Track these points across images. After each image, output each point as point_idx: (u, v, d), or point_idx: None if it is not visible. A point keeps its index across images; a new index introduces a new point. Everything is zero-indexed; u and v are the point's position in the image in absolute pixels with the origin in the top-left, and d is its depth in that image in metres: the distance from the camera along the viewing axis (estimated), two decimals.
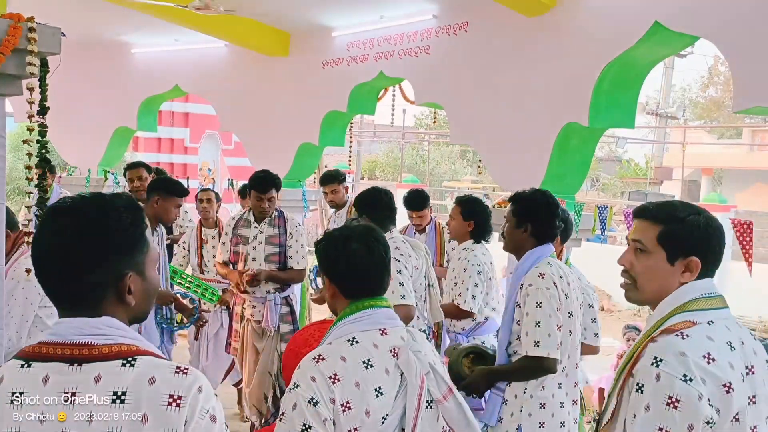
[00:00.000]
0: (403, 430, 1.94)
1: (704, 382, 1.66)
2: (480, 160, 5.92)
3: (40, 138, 3.15)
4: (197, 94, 8.54)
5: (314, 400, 1.84)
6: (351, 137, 7.98)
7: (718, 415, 1.67)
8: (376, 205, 3.89)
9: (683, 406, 1.65)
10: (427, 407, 1.99)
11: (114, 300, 1.43)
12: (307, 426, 1.82)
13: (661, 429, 1.66)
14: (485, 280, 4.40)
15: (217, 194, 6.25)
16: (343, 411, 1.85)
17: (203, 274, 5.84)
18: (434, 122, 9.79)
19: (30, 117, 2.98)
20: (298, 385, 1.88)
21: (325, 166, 10.39)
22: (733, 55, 3.94)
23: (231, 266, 5.00)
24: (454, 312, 4.34)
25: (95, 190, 8.23)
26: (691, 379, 1.66)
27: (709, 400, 1.66)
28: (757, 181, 23.11)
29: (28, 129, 3.13)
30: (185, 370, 1.39)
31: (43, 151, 3.22)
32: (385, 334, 2.00)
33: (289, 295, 5.03)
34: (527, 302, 3.05)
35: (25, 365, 1.37)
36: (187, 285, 5.48)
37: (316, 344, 2.07)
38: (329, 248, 2.10)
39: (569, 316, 3.08)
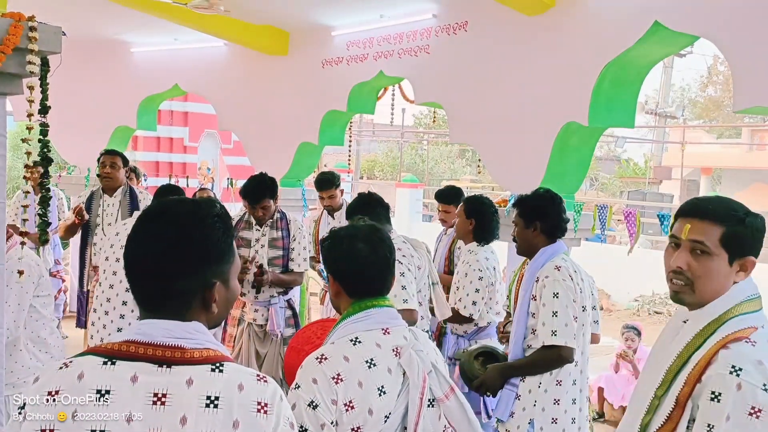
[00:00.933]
0: (406, 428, 1.95)
1: None
2: (479, 160, 5.92)
3: (41, 137, 3.15)
4: (196, 93, 8.54)
5: (314, 404, 1.85)
6: (350, 136, 7.98)
7: None
8: (368, 204, 3.90)
9: (765, 415, 1.64)
10: (429, 406, 2.00)
11: (199, 306, 1.45)
12: (303, 429, 1.83)
13: None
14: (487, 285, 4.33)
15: (214, 194, 6.22)
16: (346, 410, 1.86)
17: None
18: (433, 122, 9.78)
19: (30, 116, 2.98)
20: (299, 386, 1.89)
21: (325, 166, 10.40)
22: (733, 54, 3.94)
23: None
24: (455, 316, 4.33)
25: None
26: None
27: None
28: (756, 181, 23.14)
29: (27, 128, 3.13)
30: (265, 379, 1.43)
31: (45, 150, 3.23)
32: (388, 333, 2.00)
33: (291, 298, 4.94)
34: (544, 293, 3.11)
35: (109, 363, 1.36)
36: None
37: (319, 342, 2.08)
38: (334, 247, 2.10)
39: (583, 310, 3.15)
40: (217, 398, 1.34)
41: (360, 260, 2.04)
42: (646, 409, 1.85)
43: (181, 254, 1.41)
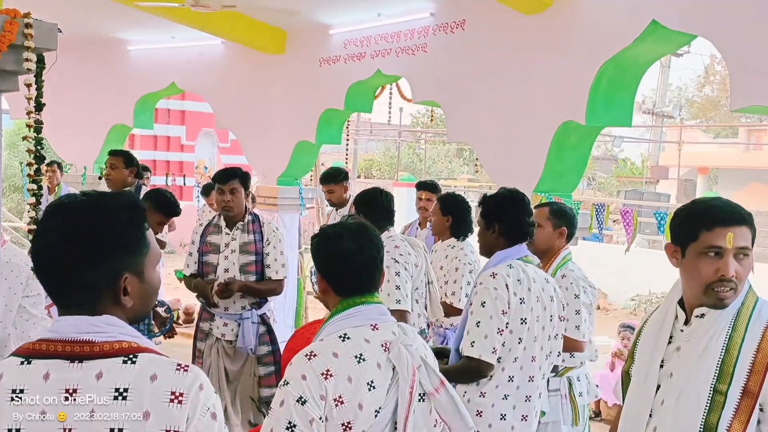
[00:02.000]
0: (396, 423, 1.95)
1: None
2: (477, 159, 5.92)
3: (35, 134, 3.15)
4: (193, 91, 8.53)
5: (302, 399, 1.85)
6: (348, 135, 7.98)
7: None
8: (371, 205, 3.89)
9: None
10: (419, 400, 2.01)
11: (110, 300, 1.43)
12: (292, 424, 1.83)
13: None
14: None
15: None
16: (336, 405, 1.87)
17: None
18: (431, 120, 9.78)
19: (29, 113, 2.98)
20: (287, 383, 1.89)
21: (322, 164, 10.39)
22: (731, 53, 3.95)
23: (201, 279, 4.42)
24: (447, 309, 4.34)
25: (92, 187, 8.24)
26: None
27: None
28: (753, 181, 23.17)
29: (27, 126, 3.13)
30: (186, 368, 1.40)
31: (39, 147, 3.21)
32: (377, 329, 2.01)
33: (265, 313, 4.52)
34: (474, 301, 2.91)
35: (25, 362, 1.37)
36: None
37: None
38: (321, 245, 2.11)
39: (521, 323, 2.87)
40: (126, 390, 1.34)
41: (347, 259, 2.05)
42: (707, 406, 1.86)
43: (79, 246, 1.39)
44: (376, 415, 1.92)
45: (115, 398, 1.33)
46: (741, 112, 4.50)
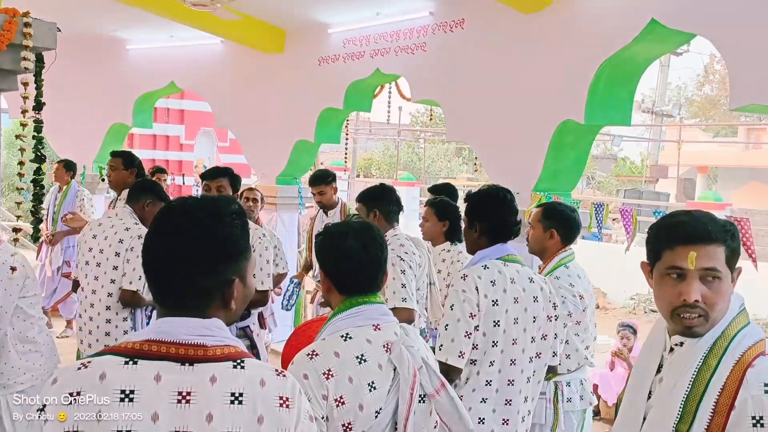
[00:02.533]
0: (396, 424, 1.95)
1: None
2: (476, 158, 5.91)
3: (35, 134, 3.14)
4: (192, 90, 8.53)
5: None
6: (347, 134, 7.98)
7: None
8: (384, 199, 3.88)
9: None
10: (420, 401, 2.00)
11: (219, 303, 1.45)
12: None
13: None
14: None
15: (261, 194, 5.97)
16: (337, 406, 1.87)
17: None
18: (430, 119, 9.77)
19: (24, 112, 2.97)
20: None
21: (321, 163, 10.39)
22: (730, 52, 3.95)
23: None
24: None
25: (90, 186, 8.24)
26: None
27: None
28: (752, 180, 23.18)
29: (21, 124, 3.12)
30: (283, 374, 1.45)
31: (39, 146, 3.21)
32: (378, 329, 2.01)
33: (249, 326, 4.23)
34: (446, 303, 2.84)
35: (130, 362, 1.35)
36: None
37: None
38: (326, 243, 2.11)
39: (495, 326, 2.75)
40: (241, 394, 1.36)
41: (351, 258, 2.05)
42: (678, 415, 1.71)
43: (204, 252, 1.41)
44: (376, 416, 1.92)
45: (232, 402, 1.35)
46: (740, 111, 4.51)
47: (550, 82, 4.95)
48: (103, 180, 5.73)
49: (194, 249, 1.41)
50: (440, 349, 2.72)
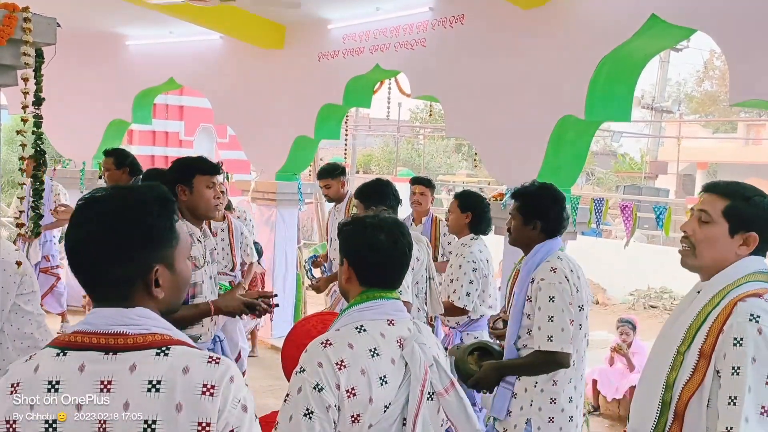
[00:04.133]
0: (404, 419, 1.96)
1: None
2: (476, 154, 5.92)
3: (35, 129, 3.14)
4: (192, 86, 8.52)
5: (319, 386, 1.86)
6: (347, 130, 7.97)
7: None
8: (382, 194, 3.89)
9: None
10: (428, 399, 2.01)
11: (143, 292, 1.44)
12: (309, 411, 1.84)
13: None
14: (480, 277, 4.35)
15: (227, 189, 5.91)
16: (348, 397, 1.88)
17: None
18: (430, 115, 9.77)
19: (24, 108, 2.97)
20: (304, 370, 1.90)
21: (321, 159, 10.38)
22: (730, 47, 3.94)
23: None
24: (449, 308, 4.33)
25: (90, 183, 8.24)
26: None
27: None
28: (752, 176, 23.16)
29: (22, 120, 3.12)
30: (217, 360, 1.41)
31: (39, 142, 3.20)
32: (393, 324, 2.02)
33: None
34: (539, 297, 3.03)
35: (61, 354, 1.39)
36: None
37: (317, 335, 2.09)
38: (356, 233, 2.10)
39: (580, 310, 3.07)
40: (159, 382, 1.35)
41: (380, 251, 2.05)
42: (670, 365, 2.01)
43: (113, 240, 1.40)
44: (385, 410, 1.92)
45: (149, 390, 1.35)
46: (740, 107, 4.51)
47: (550, 77, 4.95)
48: (100, 177, 5.71)
49: (103, 237, 1.40)
50: (551, 340, 2.98)
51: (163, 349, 1.39)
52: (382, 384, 1.92)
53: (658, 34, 4.45)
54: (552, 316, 2.99)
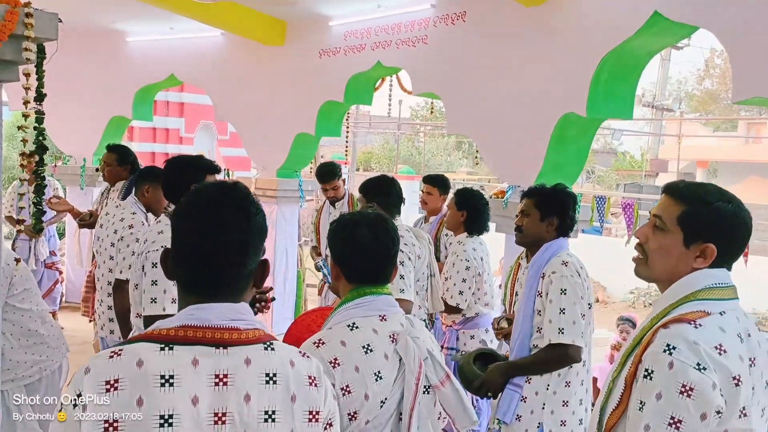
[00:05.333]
0: (401, 414, 1.96)
1: (716, 372, 1.62)
2: (477, 151, 5.90)
3: (37, 125, 3.13)
4: (192, 83, 8.51)
5: None
6: (347, 128, 7.96)
7: (726, 406, 1.63)
8: (389, 192, 3.89)
9: (697, 394, 1.60)
10: (424, 393, 2.01)
11: (249, 287, 1.51)
12: None
13: (673, 418, 1.61)
14: (474, 275, 4.35)
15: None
16: (343, 395, 1.89)
17: None
18: (431, 113, 9.76)
19: (26, 103, 2.97)
20: None
21: (321, 157, 10.38)
22: (733, 45, 3.93)
23: None
24: (445, 307, 4.33)
25: (90, 180, 8.23)
26: (704, 368, 1.61)
27: (720, 390, 1.62)
28: (752, 174, 23.19)
29: (23, 115, 3.11)
30: (307, 355, 1.52)
31: (41, 138, 3.20)
32: (385, 320, 2.02)
33: None
34: (551, 290, 3.01)
35: (166, 348, 1.36)
36: None
37: (318, 329, 2.09)
38: (338, 231, 2.12)
39: (590, 308, 3.07)
40: (275, 375, 1.42)
41: (361, 247, 2.05)
42: (605, 392, 1.82)
43: (257, 237, 1.49)
44: (381, 406, 1.93)
45: (267, 383, 1.41)
46: (742, 104, 4.49)
47: (552, 74, 4.94)
48: (98, 170, 5.70)
49: (251, 236, 1.47)
50: (562, 333, 2.94)
51: (269, 343, 1.45)
52: (377, 380, 1.93)
53: (661, 31, 4.44)
54: (563, 308, 2.97)
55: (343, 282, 2.09)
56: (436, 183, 5.44)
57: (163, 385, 1.32)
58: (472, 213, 4.48)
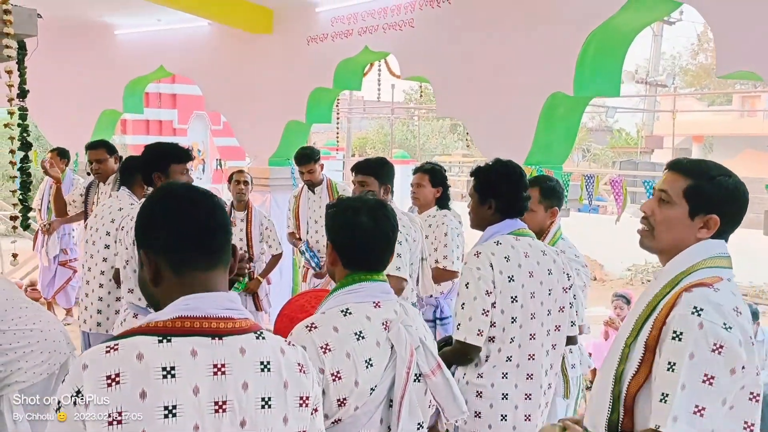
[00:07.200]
0: (391, 401, 1.96)
1: (738, 331, 1.76)
2: (467, 133, 5.89)
3: (20, 121, 3.14)
4: (182, 74, 8.48)
5: None
6: (338, 114, 7.95)
7: (747, 362, 1.76)
8: (389, 171, 3.87)
9: (726, 351, 1.73)
10: (415, 381, 2.01)
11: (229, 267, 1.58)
12: None
13: (707, 375, 1.72)
14: (463, 242, 4.50)
15: (251, 176, 5.94)
16: (333, 380, 1.89)
17: None
18: (420, 96, 9.74)
19: (10, 100, 2.97)
20: None
21: (314, 143, 10.37)
22: (715, 19, 3.94)
23: None
24: (438, 275, 4.37)
25: (82, 174, 8.22)
26: (730, 327, 1.75)
27: (743, 347, 1.75)
28: (747, 148, 23.18)
29: (9, 113, 3.12)
30: (292, 343, 1.58)
31: (25, 134, 3.21)
32: (379, 307, 2.02)
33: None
34: (460, 281, 2.83)
35: (164, 340, 1.37)
36: None
37: (312, 310, 2.09)
38: (338, 216, 2.09)
39: (512, 302, 2.76)
40: (268, 363, 1.46)
41: (360, 233, 2.03)
42: (619, 358, 1.90)
43: (230, 230, 1.58)
44: (371, 393, 1.93)
45: (262, 370, 1.44)
46: (728, 78, 4.50)
47: (538, 54, 4.93)
48: (89, 174, 5.64)
49: (228, 222, 1.57)
50: (458, 329, 2.73)
51: (259, 333, 1.49)
52: (367, 367, 1.93)
53: (645, 7, 4.44)
54: (463, 304, 2.75)
55: (339, 267, 2.08)
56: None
57: (165, 377, 1.33)
58: (446, 189, 4.66)
